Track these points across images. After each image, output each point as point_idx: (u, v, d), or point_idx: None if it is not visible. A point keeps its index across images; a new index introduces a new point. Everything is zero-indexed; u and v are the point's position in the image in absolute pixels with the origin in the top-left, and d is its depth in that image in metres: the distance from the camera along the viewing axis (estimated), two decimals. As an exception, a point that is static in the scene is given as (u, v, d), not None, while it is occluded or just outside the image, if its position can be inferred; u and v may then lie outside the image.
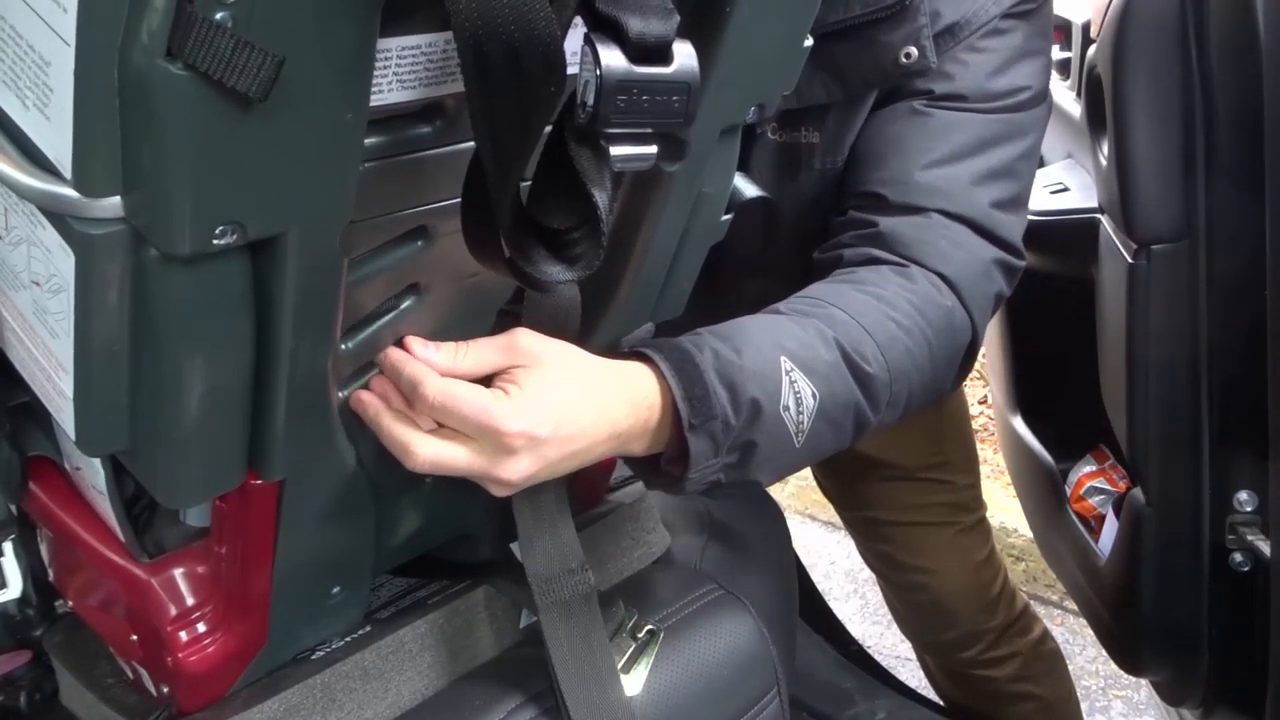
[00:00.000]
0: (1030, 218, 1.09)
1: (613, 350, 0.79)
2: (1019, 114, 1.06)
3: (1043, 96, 1.08)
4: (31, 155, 0.50)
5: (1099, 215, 1.38)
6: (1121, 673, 1.50)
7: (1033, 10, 1.08)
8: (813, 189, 1.11)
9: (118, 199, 0.49)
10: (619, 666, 0.86)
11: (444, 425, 0.70)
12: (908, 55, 1.02)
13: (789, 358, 0.84)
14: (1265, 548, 1.20)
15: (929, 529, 1.51)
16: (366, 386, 0.71)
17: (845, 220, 1.05)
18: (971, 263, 1.00)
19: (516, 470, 0.70)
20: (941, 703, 1.72)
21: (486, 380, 0.71)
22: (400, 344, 0.70)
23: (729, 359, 0.80)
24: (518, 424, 0.69)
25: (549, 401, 0.71)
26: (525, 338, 0.72)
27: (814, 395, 0.85)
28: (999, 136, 1.05)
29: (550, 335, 0.74)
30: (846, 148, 1.08)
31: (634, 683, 0.87)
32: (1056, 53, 1.37)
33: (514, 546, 0.87)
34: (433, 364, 0.69)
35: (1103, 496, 1.47)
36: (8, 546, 0.83)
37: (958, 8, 1.05)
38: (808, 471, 1.30)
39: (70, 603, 0.86)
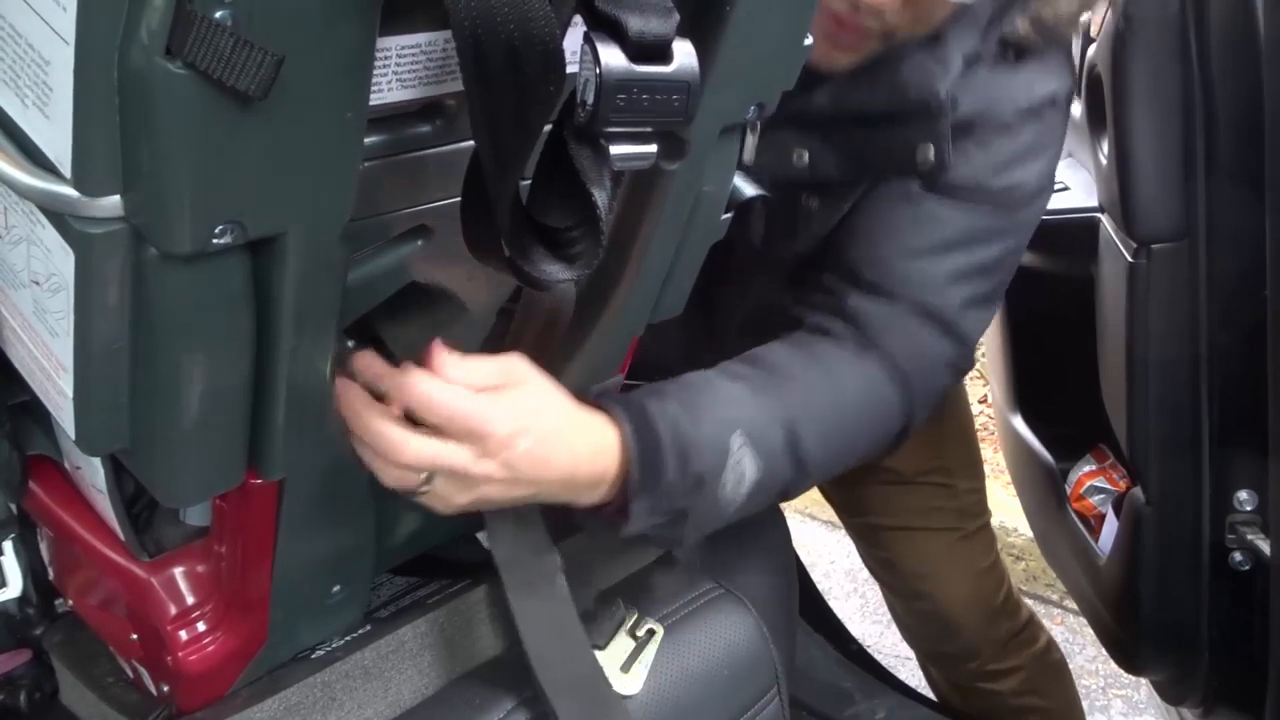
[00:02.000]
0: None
1: (581, 396, 0.82)
2: (1012, 211, 1.06)
3: (1040, 191, 1.08)
4: (31, 154, 0.50)
5: (1099, 214, 1.38)
6: (1121, 672, 1.50)
7: (1051, 110, 1.07)
8: (802, 246, 1.12)
9: (117, 198, 0.49)
10: (620, 666, 0.86)
11: (422, 424, 0.70)
12: (924, 155, 1.01)
13: (742, 433, 0.87)
14: (1265, 547, 1.20)
15: (929, 535, 1.49)
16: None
17: (820, 283, 1.05)
18: (927, 362, 1.02)
19: (486, 475, 0.72)
20: (943, 704, 1.72)
21: None
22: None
23: (685, 429, 0.83)
24: (505, 427, 0.71)
25: (533, 421, 0.73)
26: (521, 363, 0.75)
27: (755, 471, 0.88)
28: (987, 233, 1.05)
29: (541, 332, 0.75)
30: (841, 212, 1.08)
31: (633, 682, 0.87)
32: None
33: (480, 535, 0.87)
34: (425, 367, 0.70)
35: (1103, 496, 1.47)
36: (8, 545, 0.83)
37: (976, 101, 1.03)
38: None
39: (70, 602, 0.86)
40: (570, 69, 0.49)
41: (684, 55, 0.52)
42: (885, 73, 1.00)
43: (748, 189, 0.85)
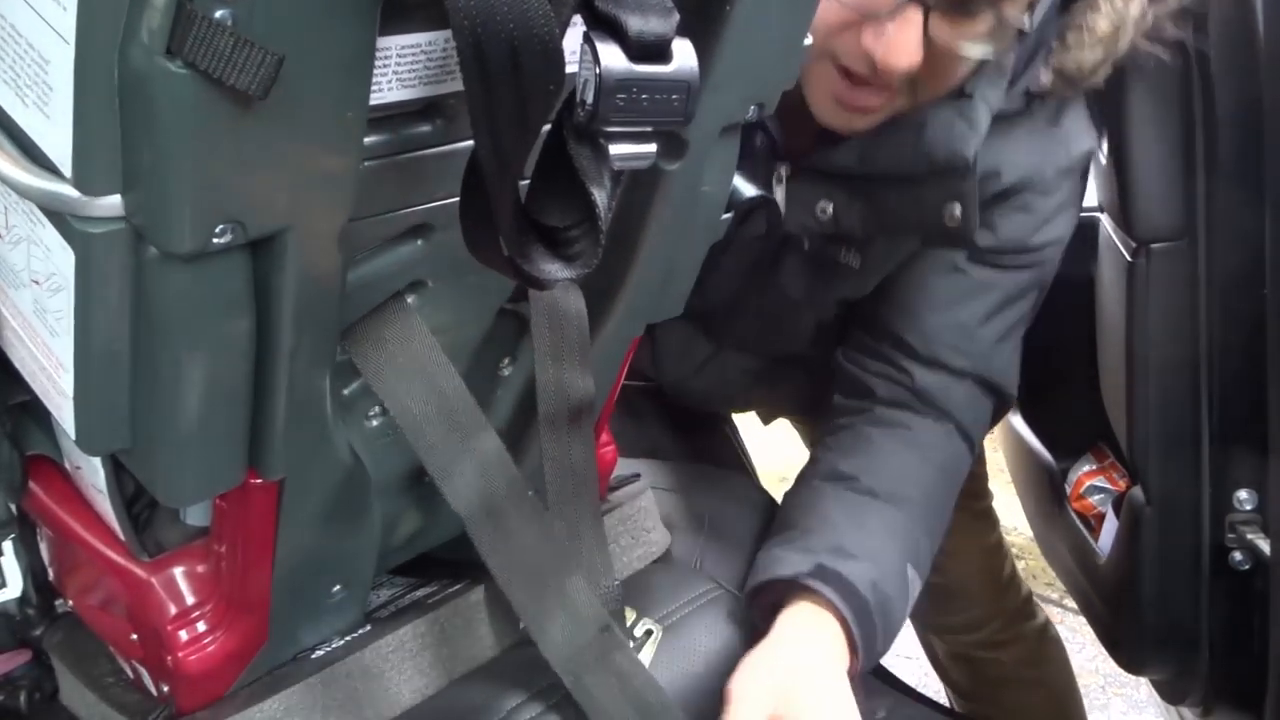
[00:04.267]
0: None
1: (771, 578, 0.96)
2: (1046, 265, 1.14)
3: (1069, 236, 1.15)
4: (31, 154, 0.50)
5: (1098, 214, 1.38)
6: (1121, 671, 1.51)
7: (1083, 167, 1.12)
8: (842, 298, 1.19)
9: (117, 198, 0.49)
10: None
11: None
12: (951, 216, 1.03)
13: (912, 565, 1.02)
14: (1265, 546, 1.20)
15: None
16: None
17: (876, 350, 1.15)
18: (981, 413, 1.15)
19: None
20: (943, 697, 1.73)
21: None
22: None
23: (883, 591, 0.97)
24: None
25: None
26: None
27: (919, 587, 1.05)
28: (1025, 290, 1.14)
29: (559, 342, 0.77)
30: (886, 272, 1.14)
31: (634, 681, 0.87)
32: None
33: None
34: None
35: (1102, 495, 1.47)
36: (8, 546, 0.83)
37: (1016, 169, 1.07)
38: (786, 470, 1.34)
39: (70, 602, 0.86)
40: (570, 68, 0.49)
41: (684, 55, 0.52)
42: (912, 132, 1.00)
43: (747, 189, 0.85)
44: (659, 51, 0.51)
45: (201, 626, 0.75)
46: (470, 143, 0.51)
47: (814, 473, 1.10)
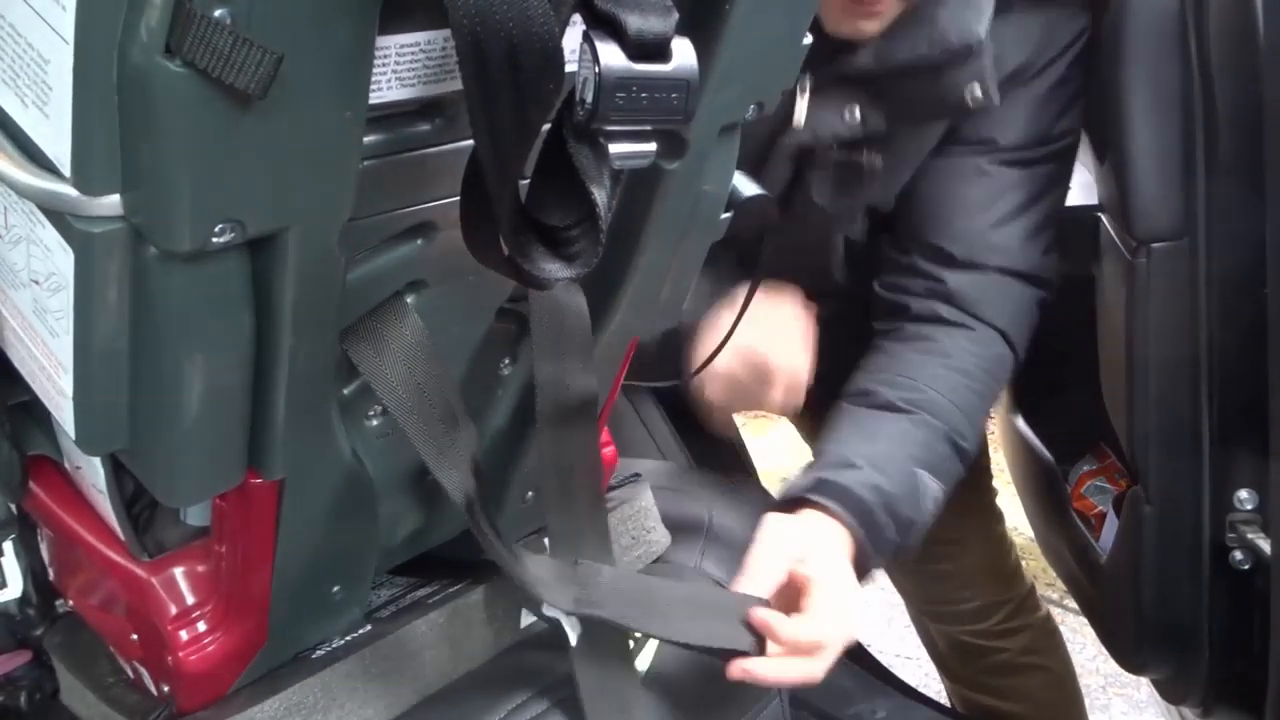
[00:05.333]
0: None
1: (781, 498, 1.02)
2: (1066, 157, 1.19)
3: (1080, 134, 1.20)
4: (30, 153, 0.50)
5: (1099, 214, 1.38)
6: (1122, 671, 1.50)
7: (1083, 46, 1.17)
8: (868, 205, 1.23)
9: (117, 197, 0.49)
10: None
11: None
12: (973, 94, 1.09)
13: (921, 467, 1.07)
14: (1265, 546, 1.20)
15: (952, 500, 1.53)
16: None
17: (911, 266, 1.19)
18: (1022, 311, 1.19)
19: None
20: (944, 698, 1.72)
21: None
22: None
23: (885, 490, 1.02)
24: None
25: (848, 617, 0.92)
26: (807, 565, 0.92)
27: (938, 489, 1.08)
28: (1050, 184, 1.19)
29: (560, 340, 0.77)
30: (909, 171, 1.19)
31: (634, 681, 0.87)
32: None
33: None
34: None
35: (1103, 495, 1.46)
36: (8, 546, 0.83)
37: (1019, 50, 1.13)
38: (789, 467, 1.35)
39: (70, 602, 0.86)
40: (569, 67, 0.49)
41: (683, 54, 0.52)
42: (924, 25, 1.06)
43: (747, 187, 0.85)
44: (658, 50, 0.51)
45: (202, 626, 0.75)
46: (470, 142, 0.51)
47: (843, 394, 1.16)
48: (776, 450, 2.20)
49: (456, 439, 0.71)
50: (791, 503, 1.01)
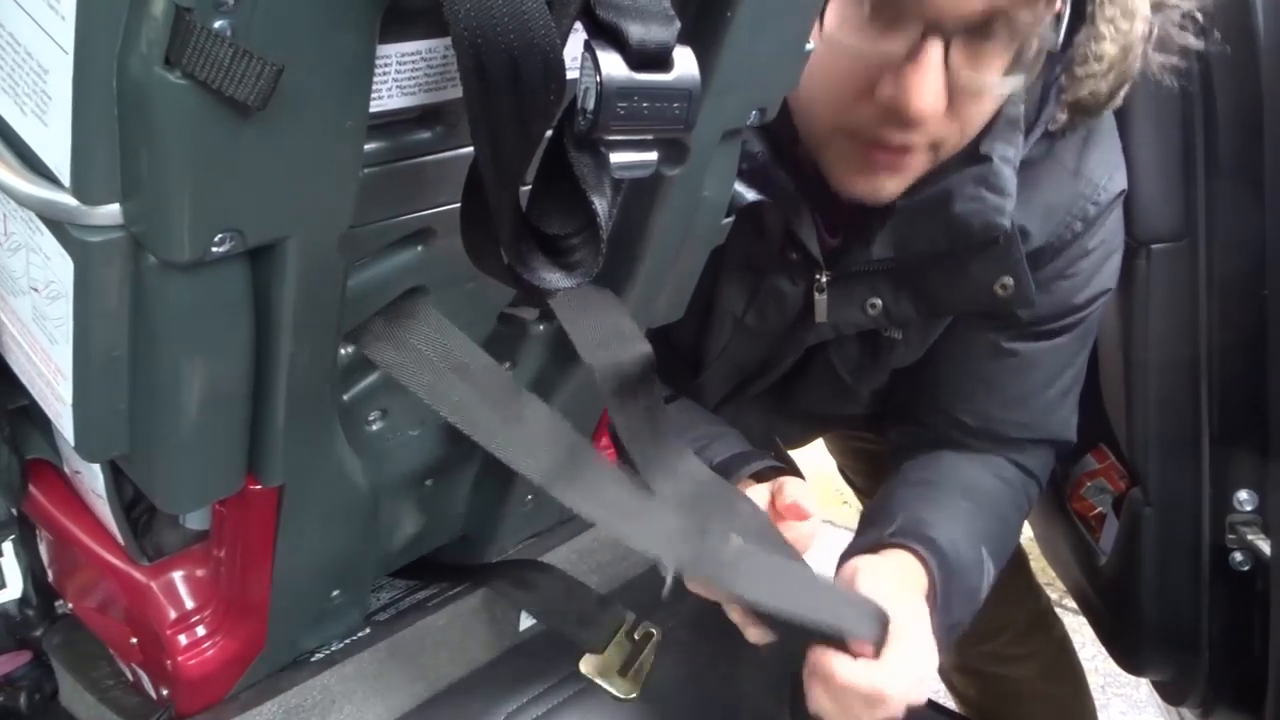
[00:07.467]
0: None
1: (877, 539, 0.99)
2: (1092, 319, 1.11)
3: (1113, 287, 1.13)
4: (30, 162, 0.50)
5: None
6: (1121, 672, 1.50)
7: (1114, 210, 1.08)
8: (890, 370, 1.19)
9: (116, 206, 0.49)
10: (617, 669, 0.86)
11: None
12: (1003, 287, 1.01)
13: (986, 549, 1.05)
14: (1265, 547, 1.20)
15: None
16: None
17: (934, 433, 1.17)
18: (1043, 460, 1.20)
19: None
20: (952, 706, 1.72)
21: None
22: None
23: (963, 554, 1.00)
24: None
25: (923, 670, 0.86)
26: (891, 605, 0.85)
27: (993, 574, 1.07)
28: (1078, 348, 1.13)
29: (596, 328, 0.74)
30: (930, 341, 1.13)
31: (633, 685, 0.87)
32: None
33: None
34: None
35: (1103, 496, 1.46)
36: (8, 547, 0.83)
37: (1044, 227, 1.03)
38: (808, 468, 1.32)
39: (70, 604, 0.86)
40: (570, 76, 0.49)
41: (685, 63, 0.52)
42: (940, 210, 0.96)
43: (747, 193, 0.85)
44: (660, 59, 0.51)
45: (201, 630, 0.75)
46: (470, 149, 0.51)
47: (897, 482, 1.14)
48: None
49: (523, 413, 0.69)
50: (871, 548, 0.98)
